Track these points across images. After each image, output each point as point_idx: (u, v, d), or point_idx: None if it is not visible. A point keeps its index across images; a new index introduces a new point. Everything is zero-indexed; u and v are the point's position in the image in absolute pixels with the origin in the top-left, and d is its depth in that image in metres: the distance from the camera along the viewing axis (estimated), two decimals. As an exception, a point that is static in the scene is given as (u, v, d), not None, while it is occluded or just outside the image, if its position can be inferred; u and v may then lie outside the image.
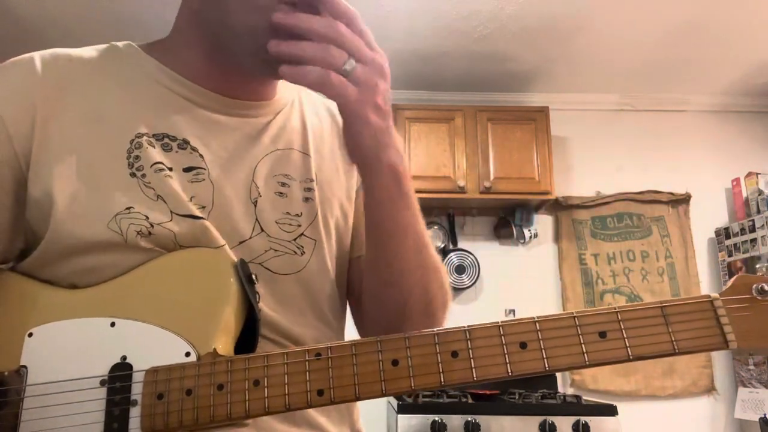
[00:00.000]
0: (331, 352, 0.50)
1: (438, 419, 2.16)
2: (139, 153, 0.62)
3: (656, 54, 2.93)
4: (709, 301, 0.48)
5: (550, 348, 0.47)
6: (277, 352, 0.51)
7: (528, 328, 0.48)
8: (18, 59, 0.65)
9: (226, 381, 0.50)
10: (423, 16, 2.61)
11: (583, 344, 0.47)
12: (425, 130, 3.01)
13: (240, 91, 0.70)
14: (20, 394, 0.53)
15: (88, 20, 2.63)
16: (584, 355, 0.47)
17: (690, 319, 0.47)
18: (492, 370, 0.47)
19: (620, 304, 0.48)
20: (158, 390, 0.51)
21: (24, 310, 0.58)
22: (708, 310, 0.48)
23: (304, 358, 0.50)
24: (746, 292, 0.48)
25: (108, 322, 0.56)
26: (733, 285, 0.49)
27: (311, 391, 0.49)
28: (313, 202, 0.71)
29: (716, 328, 0.47)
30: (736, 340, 0.46)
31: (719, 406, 3.01)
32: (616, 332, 0.47)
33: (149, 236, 0.59)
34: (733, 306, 0.47)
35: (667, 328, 0.47)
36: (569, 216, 3.23)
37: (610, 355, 0.47)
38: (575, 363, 0.47)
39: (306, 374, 0.50)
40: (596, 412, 2.22)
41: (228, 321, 0.56)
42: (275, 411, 0.49)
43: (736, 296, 0.48)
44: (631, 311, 0.48)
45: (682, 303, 0.48)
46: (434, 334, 0.49)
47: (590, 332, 0.47)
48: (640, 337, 0.47)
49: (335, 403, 0.49)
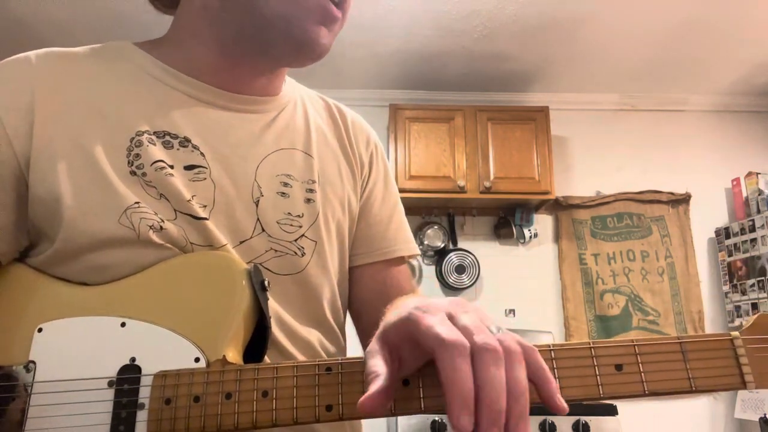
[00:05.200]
0: (341, 368, 0.49)
1: (438, 419, 2.16)
2: (139, 151, 0.61)
3: (657, 53, 2.93)
4: (730, 339, 0.47)
5: (564, 378, 0.46)
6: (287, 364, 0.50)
7: (544, 356, 0.47)
8: (14, 58, 0.65)
9: (235, 390, 0.50)
10: (423, 15, 2.61)
11: (598, 375, 0.46)
12: (425, 130, 3.00)
13: (245, 86, 0.70)
14: (28, 389, 0.53)
15: (88, 20, 2.62)
16: (599, 387, 0.46)
17: (709, 356, 0.46)
18: None
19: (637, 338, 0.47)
20: (166, 395, 0.51)
21: (34, 305, 0.57)
22: (728, 349, 0.47)
23: (314, 371, 0.49)
24: (766, 332, 0.47)
25: (118, 322, 0.55)
26: (753, 324, 0.48)
27: (320, 406, 0.48)
28: (315, 203, 0.70)
29: (735, 368, 0.46)
30: (754, 381, 0.46)
31: (719, 406, 3.01)
32: (633, 366, 0.46)
33: (161, 231, 0.59)
34: (754, 346, 0.46)
35: (685, 365, 0.46)
36: (569, 216, 3.23)
37: (625, 389, 0.46)
38: (589, 395, 0.46)
39: (315, 388, 0.49)
40: (596, 412, 2.22)
41: (238, 328, 0.55)
42: (283, 424, 0.48)
43: (757, 335, 0.47)
44: (649, 345, 0.47)
45: (701, 340, 0.47)
46: None
47: (606, 364, 0.46)
48: (656, 372, 0.46)
49: (344, 419, 0.48)
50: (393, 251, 0.80)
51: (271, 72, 0.71)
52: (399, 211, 0.84)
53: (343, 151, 0.78)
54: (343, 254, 0.75)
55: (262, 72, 0.70)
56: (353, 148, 0.79)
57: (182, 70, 0.68)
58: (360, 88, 3.29)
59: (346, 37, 2.77)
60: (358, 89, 3.30)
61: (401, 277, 0.81)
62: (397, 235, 0.81)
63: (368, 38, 2.79)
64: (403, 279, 0.81)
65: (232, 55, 0.67)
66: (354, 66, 3.06)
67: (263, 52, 0.66)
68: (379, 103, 3.22)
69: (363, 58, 2.98)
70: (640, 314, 3.08)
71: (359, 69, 3.10)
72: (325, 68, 3.05)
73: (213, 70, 0.68)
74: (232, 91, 0.69)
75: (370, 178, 0.81)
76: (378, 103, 3.24)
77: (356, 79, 3.22)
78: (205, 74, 0.68)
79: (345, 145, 0.79)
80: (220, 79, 0.68)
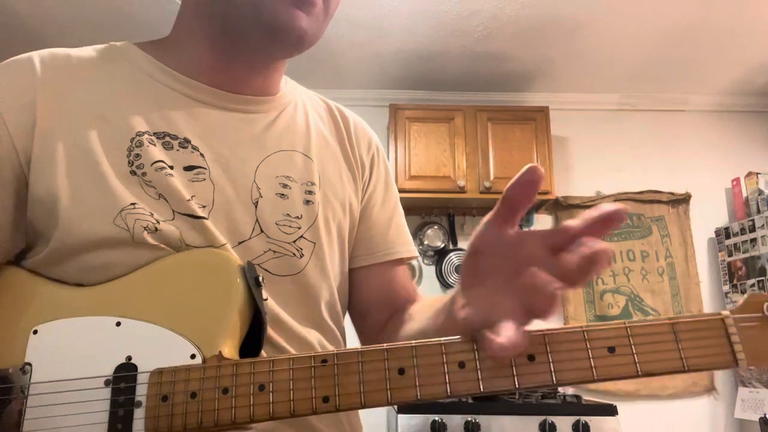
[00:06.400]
0: (337, 359, 0.49)
1: (438, 419, 2.16)
2: (139, 151, 0.62)
3: (656, 54, 2.93)
4: (720, 319, 0.47)
5: (559, 362, 0.47)
6: (283, 357, 0.50)
7: (537, 341, 0.47)
8: (16, 59, 0.65)
9: (231, 385, 0.50)
10: (423, 15, 2.61)
11: (591, 358, 0.46)
12: (425, 130, 3.00)
13: (244, 85, 0.70)
14: (24, 391, 0.53)
15: (88, 20, 2.63)
16: (593, 370, 0.46)
17: (700, 336, 0.47)
18: (499, 382, 0.47)
19: (629, 320, 0.48)
20: (163, 392, 0.51)
21: (29, 307, 0.58)
22: (719, 328, 0.47)
23: (310, 364, 0.49)
24: (758, 311, 0.47)
25: (114, 322, 0.55)
26: (744, 303, 0.48)
27: (316, 397, 0.48)
28: (314, 205, 0.70)
29: (726, 347, 0.46)
30: (746, 359, 0.46)
31: (719, 406, 3.01)
32: (625, 347, 0.46)
33: (155, 232, 0.59)
34: (745, 324, 0.47)
35: (677, 345, 0.46)
36: (569, 216, 3.22)
37: (619, 370, 0.46)
38: (584, 377, 0.46)
39: (311, 380, 0.49)
40: (596, 411, 2.22)
41: (234, 324, 0.55)
42: (280, 417, 0.48)
43: (748, 314, 0.47)
44: (641, 327, 0.47)
45: (692, 320, 0.47)
46: (441, 344, 0.49)
47: (599, 347, 0.47)
48: (649, 353, 0.46)
49: (341, 410, 0.48)
50: (393, 253, 0.80)
51: (267, 68, 0.71)
52: (399, 213, 0.84)
53: (344, 154, 0.78)
54: (343, 256, 0.76)
55: (257, 69, 0.70)
56: (354, 151, 0.80)
57: (181, 70, 0.68)
58: (360, 88, 3.30)
59: (346, 37, 2.77)
60: (358, 89, 3.30)
61: (404, 278, 0.82)
62: (397, 237, 0.82)
63: (368, 38, 2.79)
64: (406, 280, 0.83)
65: (224, 51, 0.67)
66: (354, 66, 3.06)
67: (247, 43, 0.66)
68: (379, 103, 3.22)
69: (363, 58, 2.98)
70: (640, 314, 3.08)
71: (359, 69, 3.10)
72: (325, 68, 3.06)
73: (210, 70, 0.68)
74: (230, 90, 0.69)
75: (371, 181, 0.81)
76: (378, 103, 3.24)
77: (356, 79, 3.22)
78: (203, 74, 0.68)
79: (346, 147, 0.79)
80: (218, 78, 0.69)
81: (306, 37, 0.64)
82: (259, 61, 0.69)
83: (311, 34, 0.65)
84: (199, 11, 0.67)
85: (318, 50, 2.88)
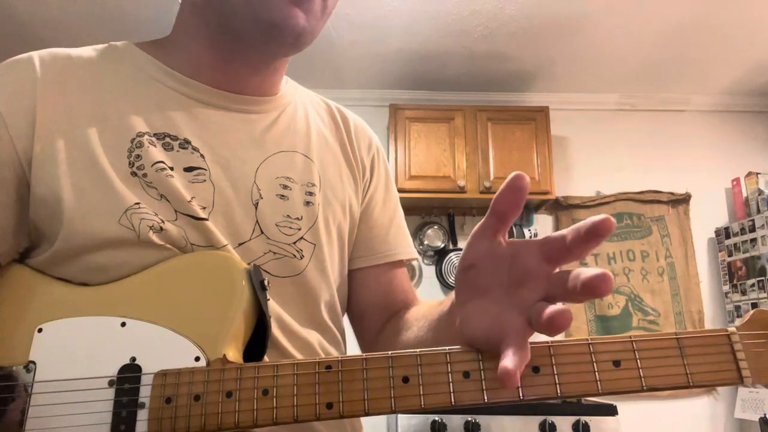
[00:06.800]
0: (341, 365, 0.49)
1: (438, 419, 2.16)
2: (140, 152, 0.62)
3: (656, 54, 2.93)
4: (726, 335, 0.47)
5: (563, 374, 0.46)
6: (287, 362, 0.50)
7: (543, 353, 0.47)
8: (17, 59, 0.65)
9: (235, 389, 0.50)
10: (423, 15, 2.61)
11: (596, 372, 0.46)
12: (425, 130, 3.00)
13: (243, 86, 0.70)
14: (28, 390, 0.53)
15: (88, 20, 2.62)
16: (598, 383, 0.46)
17: (706, 352, 0.47)
18: (504, 393, 0.46)
19: (635, 334, 0.48)
20: (166, 394, 0.51)
21: (34, 305, 0.57)
22: (725, 344, 0.47)
23: (314, 369, 0.49)
24: (763, 327, 0.47)
25: (118, 322, 0.55)
26: (750, 319, 0.48)
27: (320, 404, 0.48)
28: (314, 206, 0.70)
29: (732, 363, 0.46)
30: (751, 376, 0.46)
31: (719, 406, 3.01)
32: (631, 362, 0.46)
33: (161, 232, 0.59)
34: (750, 341, 0.47)
35: (682, 360, 0.46)
36: (569, 216, 3.23)
37: (623, 384, 0.46)
38: (588, 390, 0.46)
39: (315, 386, 0.49)
40: (596, 411, 2.22)
41: (238, 327, 0.55)
42: (283, 422, 0.48)
43: (753, 331, 0.47)
44: (647, 341, 0.47)
45: (698, 336, 0.47)
46: (446, 353, 0.49)
47: (604, 360, 0.47)
48: (654, 368, 0.46)
49: (344, 417, 0.48)
50: (393, 255, 0.80)
51: (266, 68, 0.71)
52: (399, 215, 0.84)
53: (345, 155, 0.78)
54: (343, 257, 0.75)
55: (256, 68, 0.70)
56: (355, 152, 0.80)
57: (181, 71, 0.68)
58: (360, 88, 3.29)
59: (346, 37, 2.77)
60: (358, 89, 3.30)
61: (403, 280, 0.82)
62: (397, 239, 0.81)
63: (368, 38, 2.79)
64: (405, 282, 0.83)
65: (223, 50, 0.67)
66: (354, 66, 3.06)
67: (245, 41, 0.66)
68: (379, 103, 3.22)
69: (363, 57, 2.98)
70: (640, 314, 3.08)
71: (359, 69, 3.10)
72: (325, 68, 3.06)
73: (210, 69, 0.68)
74: (230, 90, 0.69)
75: (371, 182, 0.81)
76: (378, 103, 3.24)
77: (356, 79, 3.22)
78: (203, 74, 0.68)
79: (347, 148, 0.79)
80: (218, 78, 0.68)
81: (304, 35, 0.63)
82: (258, 59, 0.69)
83: (309, 32, 0.64)
84: (197, 10, 0.67)
85: (318, 50, 2.88)
